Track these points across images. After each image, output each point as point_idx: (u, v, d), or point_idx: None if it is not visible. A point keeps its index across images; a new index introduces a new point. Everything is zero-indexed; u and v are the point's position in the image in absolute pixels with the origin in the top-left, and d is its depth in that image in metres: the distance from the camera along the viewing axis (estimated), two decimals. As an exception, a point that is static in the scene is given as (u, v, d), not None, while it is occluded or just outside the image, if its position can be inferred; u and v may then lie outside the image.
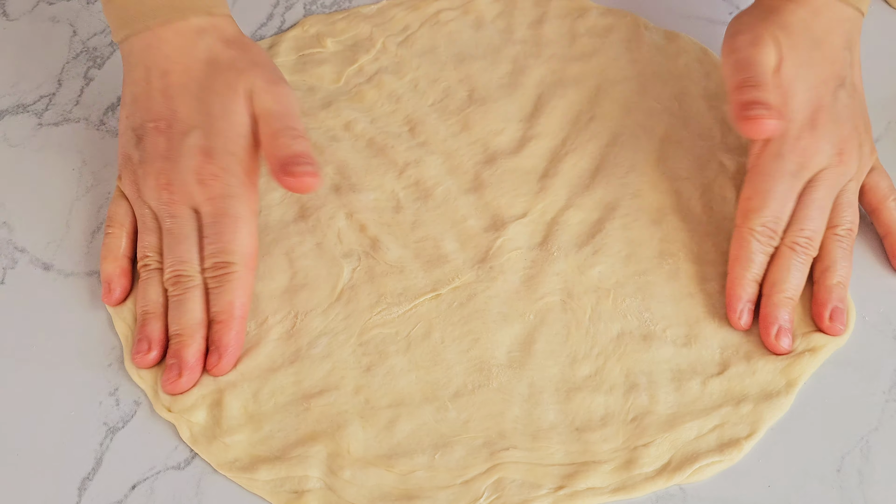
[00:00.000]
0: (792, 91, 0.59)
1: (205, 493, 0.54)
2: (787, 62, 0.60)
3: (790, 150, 0.59)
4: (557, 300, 0.60)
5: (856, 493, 0.54)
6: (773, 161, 0.59)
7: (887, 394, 0.57)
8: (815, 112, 0.60)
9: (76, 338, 0.59)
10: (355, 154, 0.66)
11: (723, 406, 0.56)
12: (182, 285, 0.57)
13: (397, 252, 0.62)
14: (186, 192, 0.57)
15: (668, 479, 0.54)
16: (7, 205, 0.65)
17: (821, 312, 0.58)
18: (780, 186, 0.59)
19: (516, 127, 0.68)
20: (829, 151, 0.59)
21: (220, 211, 0.57)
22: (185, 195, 0.57)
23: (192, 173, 0.57)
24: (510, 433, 0.55)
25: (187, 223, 0.58)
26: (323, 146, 0.67)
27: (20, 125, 0.68)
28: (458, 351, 0.58)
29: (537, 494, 0.53)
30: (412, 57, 0.71)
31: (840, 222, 0.60)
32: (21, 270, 0.62)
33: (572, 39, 0.72)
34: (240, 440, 0.55)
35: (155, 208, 0.59)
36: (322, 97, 0.69)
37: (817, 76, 0.60)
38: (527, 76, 0.70)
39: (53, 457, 0.55)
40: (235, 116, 0.57)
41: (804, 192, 0.59)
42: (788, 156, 0.59)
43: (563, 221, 0.63)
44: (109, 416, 0.56)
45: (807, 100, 0.60)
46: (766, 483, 0.54)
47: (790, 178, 0.59)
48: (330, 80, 0.70)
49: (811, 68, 0.60)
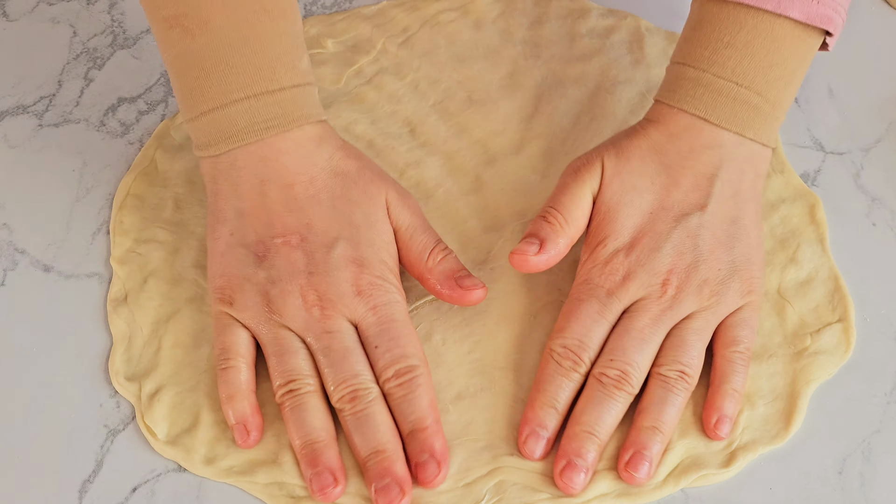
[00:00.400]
0: (611, 216, 0.56)
1: (206, 496, 0.54)
2: (611, 186, 0.57)
3: (598, 274, 0.56)
4: (557, 301, 0.60)
5: (857, 496, 0.54)
6: (582, 285, 0.56)
7: (889, 396, 0.57)
8: (637, 238, 0.56)
9: (76, 340, 0.59)
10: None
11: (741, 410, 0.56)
12: (362, 400, 0.53)
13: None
14: (344, 305, 0.54)
15: (675, 485, 0.54)
16: (7, 206, 0.64)
17: (621, 455, 0.53)
18: (585, 309, 0.55)
19: (517, 128, 0.68)
20: (645, 280, 0.55)
21: (387, 318, 0.55)
22: (343, 308, 0.54)
23: (350, 285, 0.54)
24: (513, 438, 0.55)
25: (348, 336, 0.54)
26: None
27: (20, 126, 0.68)
28: (460, 353, 0.58)
29: (539, 498, 0.53)
30: (412, 58, 0.71)
31: (666, 362, 0.54)
32: (21, 272, 0.62)
33: (573, 40, 0.72)
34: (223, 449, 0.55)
35: (300, 328, 0.54)
36: (322, 98, 0.69)
37: (655, 202, 0.56)
38: (527, 77, 0.70)
39: (54, 459, 0.55)
40: (381, 225, 0.56)
41: (621, 321, 0.55)
42: (596, 279, 0.56)
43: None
44: (110, 418, 0.56)
45: (631, 225, 0.56)
46: (767, 486, 0.54)
47: (596, 301, 0.55)
48: (330, 82, 0.70)
49: (646, 193, 0.57)
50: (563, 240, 0.57)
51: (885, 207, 0.65)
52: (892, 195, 0.65)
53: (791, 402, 0.56)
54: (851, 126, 0.68)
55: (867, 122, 0.69)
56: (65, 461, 0.55)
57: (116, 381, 0.57)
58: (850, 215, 0.64)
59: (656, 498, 0.53)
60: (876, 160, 0.67)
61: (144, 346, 0.58)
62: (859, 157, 0.67)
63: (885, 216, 0.64)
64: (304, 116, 0.57)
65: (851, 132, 0.68)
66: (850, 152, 0.67)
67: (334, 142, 0.58)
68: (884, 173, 0.66)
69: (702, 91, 0.57)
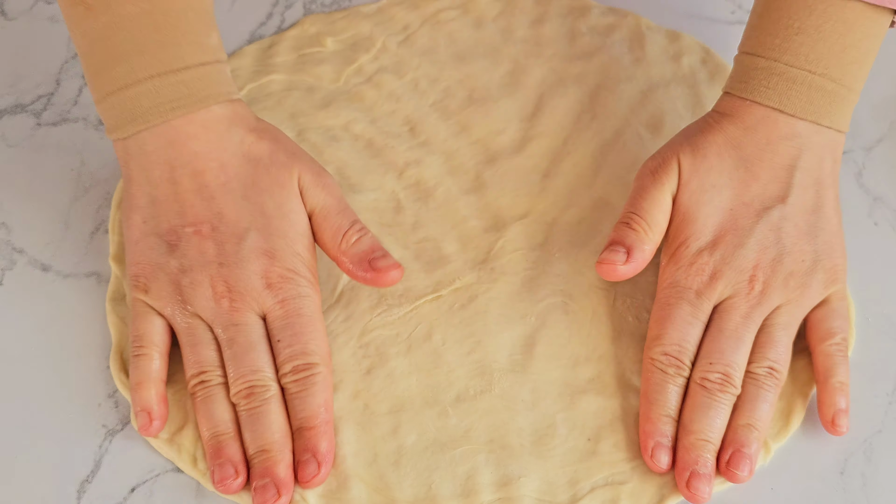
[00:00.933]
0: (692, 216, 0.56)
1: (204, 496, 0.54)
2: (689, 186, 0.56)
3: (684, 275, 0.55)
4: (559, 302, 0.60)
5: (859, 496, 0.54)
6: (669, 288, 0.56)
7: (891, 395, 0.57)
8: (719, 235, 0.56)
9: (75, 339, 0.59)
10: (355, 154, 0.66)
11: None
12: (258, 396, 0.53)
13: (398, 253, 0.61)
14: (252, 297, 0.54)
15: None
16: (5, 205, 0.64)
17: (721, 455, 0.53)
18: (677, 312, 0.55)
19: (517, 126, 0.68)
20: (732, 277, 0.55)
21: (293, 312, 0.54)
22: (251, 301, 0.54)
23: (259, 277, 0.54)
24: (516, 449, 0.55)
25: (254, 330, 0.54)
26: (322, 146, 0.66)
27: (18, 125, 0.68)
28: (460, 353, 0.58)
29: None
30: (412, 56, 0.71)
31: (755, 359, 0.55)
32: (19, 271, 0.62)
33: (573, 39, 0.72)
34: None
35: (210, 318, 0.54)
36: (322, 97, 0.69)
37: (735, 198, 0.56)
38: (528, 75, 0.70)
39: (52, 459, 0.55)
40: (293, 215, 0.56)
41: (713, 321, 0.55)
42: (683, 281, 0.55)
43: (565, 222, 0.63)
44: (108, 418, 0.56)
45: (712, 224, 0.56)
46: (769, 486, 0.54)
47: (687, 304, 0.55)
48: (329, 80, 0.70)
49: (725, 190, 0.56)
50: (649, 246, 0.56)
51: (886, 207, 0.65)
52: (893, 194, 0.65)
53: (791, 401, 0.56)
54: (853, 125, 0.68)
55: (869, 121, 0.68)
56: (63, 461, 0.55)
57: (119, 379, 0.57)
58: (852, 214, 0.64)
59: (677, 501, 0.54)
60: (878, 159, 0.67)
61: None
62: (861, 156, 0.67)
63: (886, 215, 0.64)
64: (211, 96, 0.56)
65: (853, 131, 0.68)
66: (852, 151, 0.67)
67: (246, 123, 0.57)
68: (886, 173, 0.66)
69: (775, 81, 0.56)
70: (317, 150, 0.66)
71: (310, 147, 0.66)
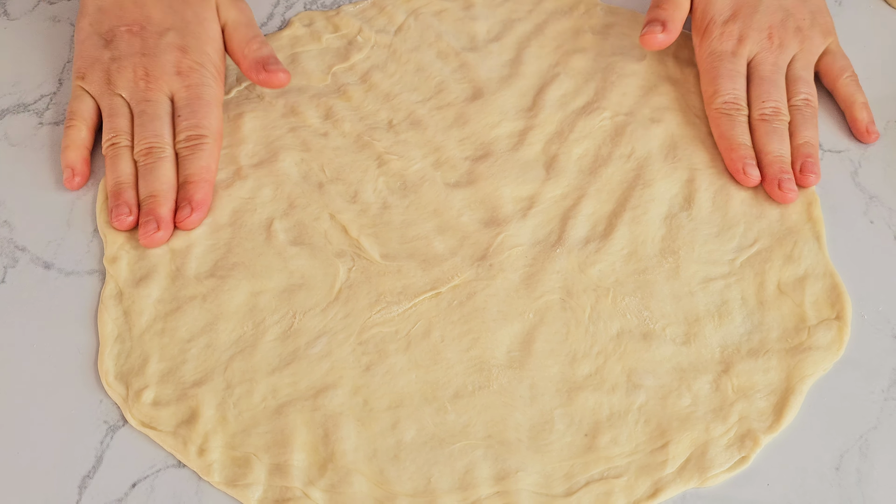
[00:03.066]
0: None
1: (205, 492, 0.54)
2: None
3: (718, 40, 0.68)
4: (557, 299, 0.60)
5: (854, 492, 0.54)
6: (709, 56, 0.68)
7: (886, 392, 0.57)
8: (736, 9, 0.69)
9: (77, 336, 0.59)
10: (345, 150, 0.66)
11: (735, 403, 0.56)
12: (154, 155, 0.63)
13: (393, 249, 0.62)
14: (165, 81, 0.65)
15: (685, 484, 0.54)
16: (7, 203, 0.65)
17: (793, 168, 0.65)
18: (723, 68, 0.67)
19: (514, 119, 0.68)
20: (755, 37, 0.68)
21: (195, 95, 0.65)
22: (163, 84, 0.65)
23: (171, 66, 0.66)
24: (514, 444, 0.55)
25: (162, 106, 0.65)
26: (312, 143, 0.67)
27: (21, 124, 0.68)
28: (458, 350, 0.58)
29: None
30: (406, 51, 0.71)
31: (794, 94, 0.67)
32: (21, 269, 0.62)
33: (574, 34, 0.72)
34: (217, 445, 0.55)
35: (128, 96, 0.65)
36: (312, 94, 0.69)
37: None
38: (526, 68, 0.70)
39: (54, 455, 0.55)
40: (207, 23, 0.68)
41: (751, 74, 0.68)
42: (718, 45, 0.68)
43: (567, 217, 0.63)
44: (110, 414, 0.56)
45: (728, 2, 0.69)
46: (765, 481, 0.54)
47: (728, 59, 0.68)
48: (319, 77, 0.70)
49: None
50: (678, 20, 0.69)
51: (882, 205, 0.65)
52: (889, 193, 0.65)
53: (784, 396, 0.56)
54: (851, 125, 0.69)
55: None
56: (65, 457, 0.55)
57: (106, 380, 0.57)
58: (847, 213, 0.64)
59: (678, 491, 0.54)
60: (874, 158, 0.67)
61: (136, 343, 0.58)
62: (857, 154, 0.67)
63: (882, 214, 0.64)
64: None
65: (850, 130, 0.69)
66: (848, 150, 0.68)
67: None
68: (882, 171, 0.67)
69: None
70: (306, 147, 0.66)
71: (300, 144, 0.66)
